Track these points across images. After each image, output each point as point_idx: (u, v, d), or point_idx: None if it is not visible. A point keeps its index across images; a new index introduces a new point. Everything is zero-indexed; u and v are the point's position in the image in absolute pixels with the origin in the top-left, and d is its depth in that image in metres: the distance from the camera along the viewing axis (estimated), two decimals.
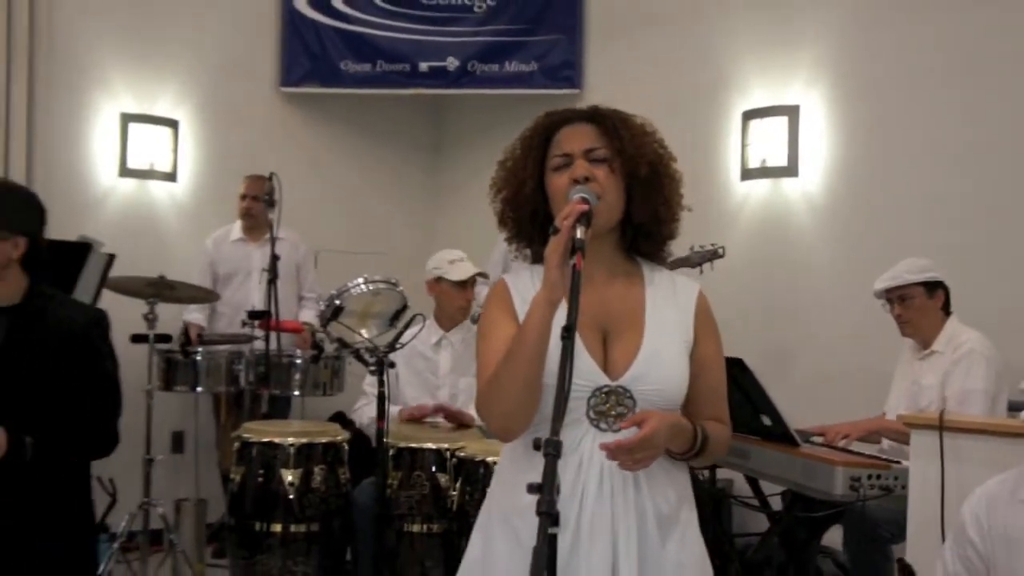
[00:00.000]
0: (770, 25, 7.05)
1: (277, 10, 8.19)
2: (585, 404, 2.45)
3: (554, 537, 2.10)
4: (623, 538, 2.43)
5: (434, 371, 5.78)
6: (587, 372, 2.44)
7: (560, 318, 2.25)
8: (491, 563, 2.58)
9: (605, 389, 2.47)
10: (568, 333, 2.21)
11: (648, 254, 2.68)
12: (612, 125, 2.58)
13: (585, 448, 2.45)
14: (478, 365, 2.63)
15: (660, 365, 2.50)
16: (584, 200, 2.40)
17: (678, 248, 6.06)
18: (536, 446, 2.19)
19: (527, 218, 2.62)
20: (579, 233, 2.31)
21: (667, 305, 2.59)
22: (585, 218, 2.35)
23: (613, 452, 2.31)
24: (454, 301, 5.76)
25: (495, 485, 2.72)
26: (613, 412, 2.45)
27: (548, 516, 2.06)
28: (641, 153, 2.56)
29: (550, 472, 2.09)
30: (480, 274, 5.79)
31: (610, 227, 2.56)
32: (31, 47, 7.20)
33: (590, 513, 2.44)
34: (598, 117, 2.61)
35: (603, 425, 2.46)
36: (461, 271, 5.69)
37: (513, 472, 2.56)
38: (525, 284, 2.54)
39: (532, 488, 2.10)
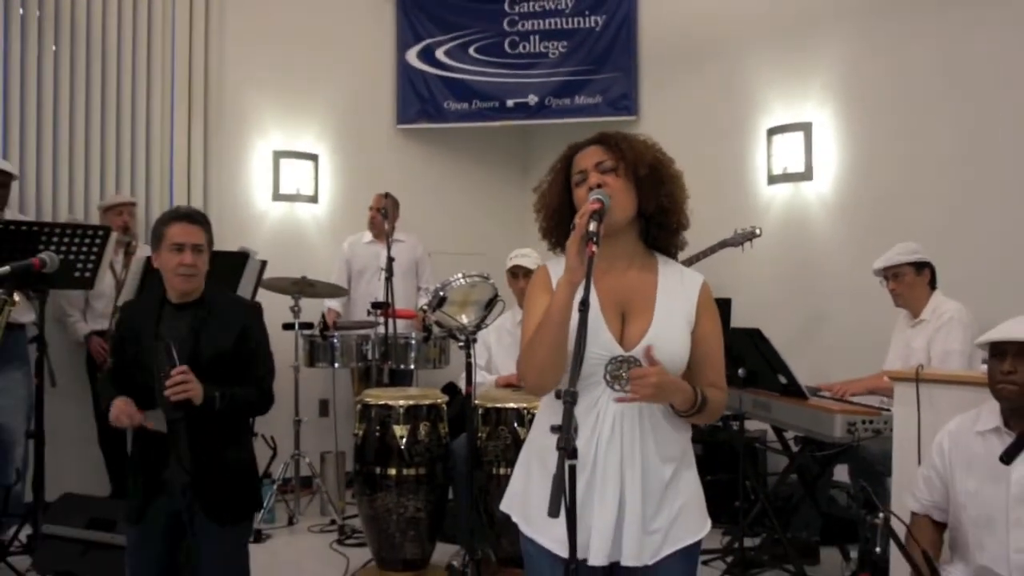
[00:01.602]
0: (787, 59, 6.97)
1: (393, 63, 8.25)
2: (603, 369, 2.47)
3: (573, 468, 2.13)
4: (629, 477, 2.45)
5: (518, 345, 5.79)
6: (606, 343, 2.47)
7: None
8: (528, 492, 2.62)
9: (619, 358, 2.48)
10: (583, 306, 2.24)
11: (664, 246, 2.67)
12: (614, 142, 2.59)
13: (602, 405, 2.47)
14: (522, 333, 2.66)
15: (665, 340, 2.50)
16: (598, 200, 2.42)
17: (719, 237, 6.13)
18: (557, 395, 2.24)
19: (559, 227, 2.64)
20: (592, 227, 2.33)
21: (675, 292, 2.58)
22: (598, 214, 2.37)
23: (632, 378, 2.36)
24: (515, 288, 5.81)
25: (533, 430, 2.75)
26: (625, 376, 2.45)
27: (565, 451, 2.09)
28: (639, 158, 2.55)
29: (568, 416, 2.12)
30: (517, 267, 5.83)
31: (626, 221, 2.56)
32: (206, 104, 7.39)
33: (603, 456, 2.46)
34: (603, 139, 2.62)
35: (617, 387, 2.47)
36: (510, 263, 5.77)
37: (544, 419, 2.60)
38: (560, 268, 2.56)
39: (554, 428, 2.13)
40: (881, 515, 2.79)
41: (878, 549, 2.78)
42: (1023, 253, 5.58)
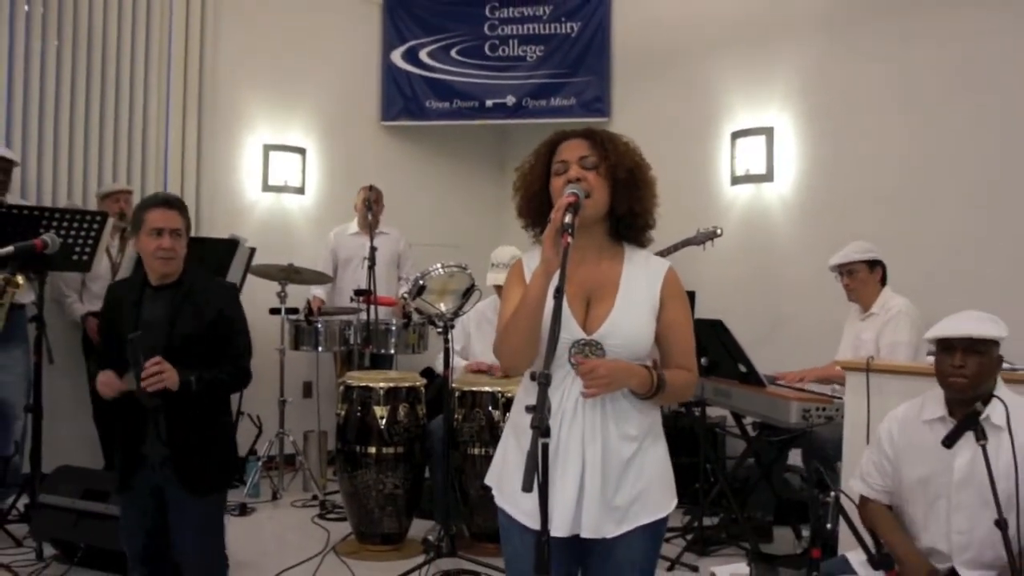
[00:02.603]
0: (751, 66, 7.01)
1: (378, 63, 8.23)
2: (568, 352, 2.47)
3: (546, 445, 2.13)
4: (590, 453, 2.46)
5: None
6: (569, 329, 2.47)
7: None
8: (507, 466, 2.63)
9: (582, 342, 2.49)
10: (558, 294, 2.25)
11: (630, 240, 2.66)
12: (600, 140, 2.57)
13: (566, 385, 2.47)
14: (498, 320, 2.68)
15: (626, 325, 2.50)
16: (574, 194, 2.42)
17: (684, 234, 6.15)
18: (533, 377, 2.25)
19: (537, 211, 2.63)
20: (567, 219, 2.34)
21: (639, 278, 2.57)
22: (573, 208, 2.38)
23: (582, 375, 2.38)
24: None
25: (512, 410, 2.75)
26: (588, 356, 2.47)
27: (539, 429, 2.09)
28: (622, 161, 2.54)
29: (541, 396, 2.12)
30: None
31: (598, 217, 2.55)
32: (200, 99, 7.34)
33: (567, 433, 2.46)
34: (590, 134, 2.59)
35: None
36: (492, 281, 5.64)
37: (521, 399, 2.62)
38: (535, 261, 2.55)
39: (528, 408, 2.13)
40: (832, 494, 2.82)
41: (829, 525, 2.80)
42: (969, 253, 5.66)
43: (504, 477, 2.62)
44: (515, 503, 2.54)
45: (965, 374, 3.08)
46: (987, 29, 5.67)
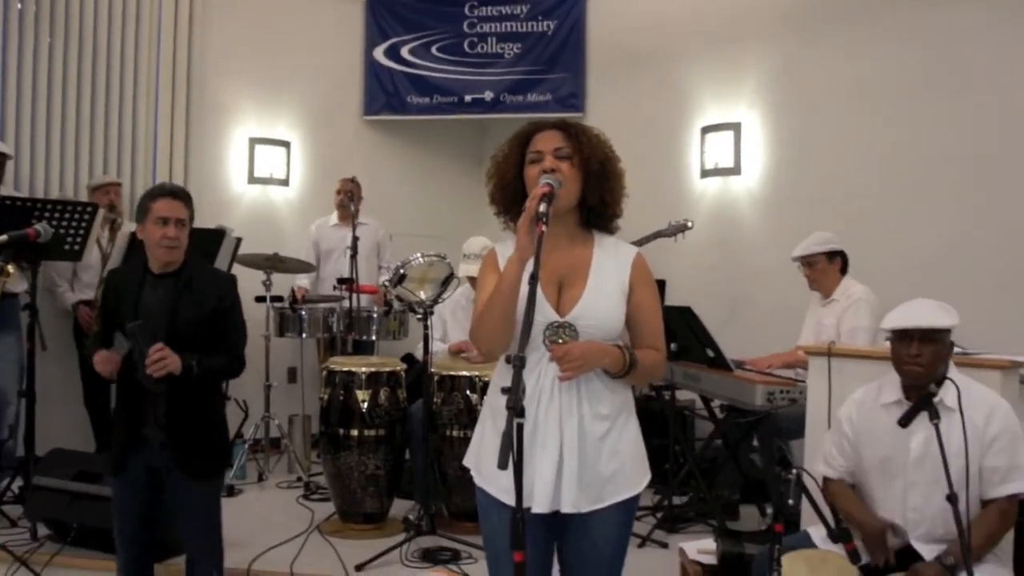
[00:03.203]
0: (721, 64, 7.05)
1: (361, 60, 8.22)
2: (542, 334, 2.49)
3: (520, 426, 2.14)
4: (567, 430, 2.47)
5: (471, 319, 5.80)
6: (544, 312, 2.48)
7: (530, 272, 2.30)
8: (482, 447, 2.65)
9: (556, 324, 2.50)
10: (533, 280, 2.27)
11: (600, 228, 2.67)
12: (574, 132, 2.58)
13: (542, 365, 2.48)
14: (474, 306, 2.69)
15: (597, 307, 2.53)
16: (548, 184, 2.43)
17: (656, 224, 6.19)
18: (508, 360, 2.26)
19: (510, 198, 2.64)
20: (542, 208, 2.35)
21: (609, 263, 2.59)
22: (548, 197, 2.39)
23: (557, 360, 2.39)
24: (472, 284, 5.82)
25: (489, 392, 2.76)
26: (561, 340, 2.48)
27: (514, 410, 2.11)
28: (594, 154, 2.56)
29: (516, 378, 2.14)
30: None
31: (570, 207, 2.57)
32: (188, 93, 7.35)
33: (544, 411, 2.48)
34: (565, 126, 2.60)
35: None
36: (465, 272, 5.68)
37: (497, 381, 2.63)
38: (508, 250, 2.56)
39: (503, 390, 2.15)
40: (794, 471, 2.86)
41: (791, 501, 2.84)
42: (930, 242, 5.73)
43: (482, 457, 2.63)
44: (494, 481, 2.55)
45: (921, 363, 3.13)
46: (953, 27, 5.73)
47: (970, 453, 2.97)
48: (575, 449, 2.47)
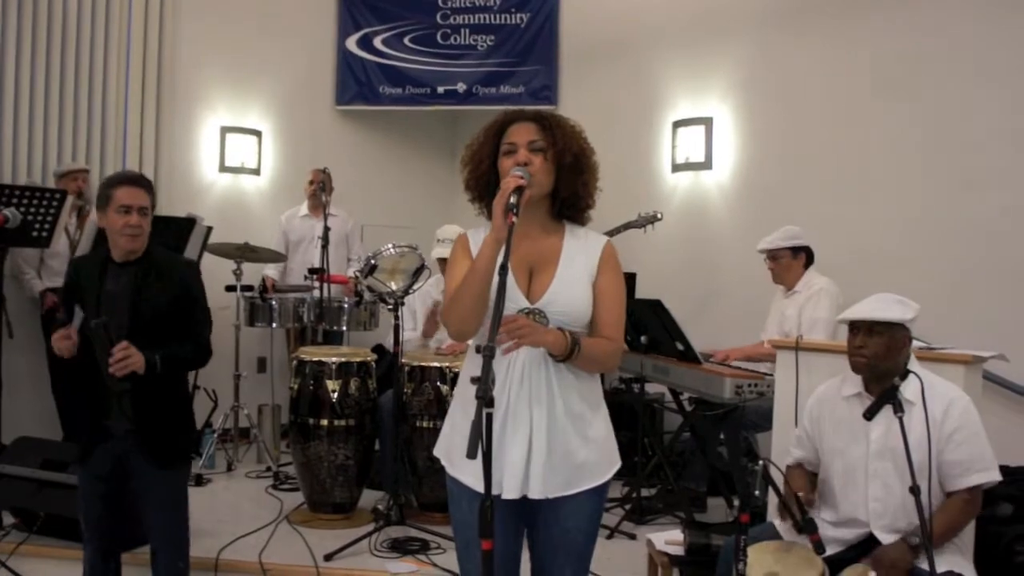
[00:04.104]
0: (692, 59, 7.08)
1: (334, 49, 8.20)
2: None
3: (490, 415, 2.16)
4: (537, 418, 2.50)
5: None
6: (515, 298, 2.50)
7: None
8: (453, 436, 2.67)
9: (526, 310, 2.52)
10: (503, 271, 2.28)
11: (571, 219, 2.69)
12: (549, 125, 2.59)
13: (512, 355, 2.49)
14: (445, 289, 2.71)
15: (566, 294, 2.55)
16: (520, 176, 2.44)
17: (627, 218, 6.22)
18: (477, 350, 2.27)
19: (484, 186, 2.65)
20: (513, 199, 2.37)
21: (578, 251, 2.62)
22: (519, 189, 2.41)
23: (506, 331, 2.34)
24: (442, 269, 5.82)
25: (459, 382, 2.77)
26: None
27: (483, 400, 2.13)
28: (568, 147, 2.57)
29: (486, 368, 2.15)
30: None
31: (542, 197, 2.58)
32: (159, 80, 7.31)
33: (515, 398, 2.50)
34: (540, 118, 2.62)
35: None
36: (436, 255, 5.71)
37: (467, 371, 2.65)
38: (479, 236, 2.58)
39: (473, 380, 2.17)
40: (760, 463, 2.89)
41: (757, 492, 2.87)
42: (895, 236, 5.79)
43: (453, 447, 2.64)
44: (465, 470, 2.56)
45: (864, 354, 3.20)
46: (920, 26, 5.76)
47: (932, 446, 3.03)
48: (544, 436, 2.50)
